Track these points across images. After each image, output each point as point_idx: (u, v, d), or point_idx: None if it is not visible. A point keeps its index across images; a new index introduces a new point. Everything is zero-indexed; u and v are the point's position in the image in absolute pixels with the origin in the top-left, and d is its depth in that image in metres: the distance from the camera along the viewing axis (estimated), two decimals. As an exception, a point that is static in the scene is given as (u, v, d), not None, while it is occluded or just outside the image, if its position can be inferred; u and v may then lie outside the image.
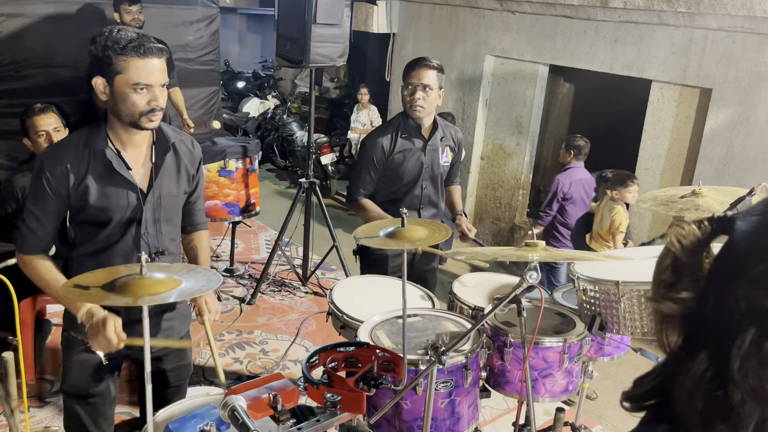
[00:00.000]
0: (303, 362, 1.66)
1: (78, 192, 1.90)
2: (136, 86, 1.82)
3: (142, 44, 1.80)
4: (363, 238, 1.85)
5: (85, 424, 2.06)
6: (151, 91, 1.84)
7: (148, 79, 1.83)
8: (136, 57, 1.80)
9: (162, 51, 1.86)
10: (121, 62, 1.80)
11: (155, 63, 1.84)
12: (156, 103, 1.86)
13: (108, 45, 1.80)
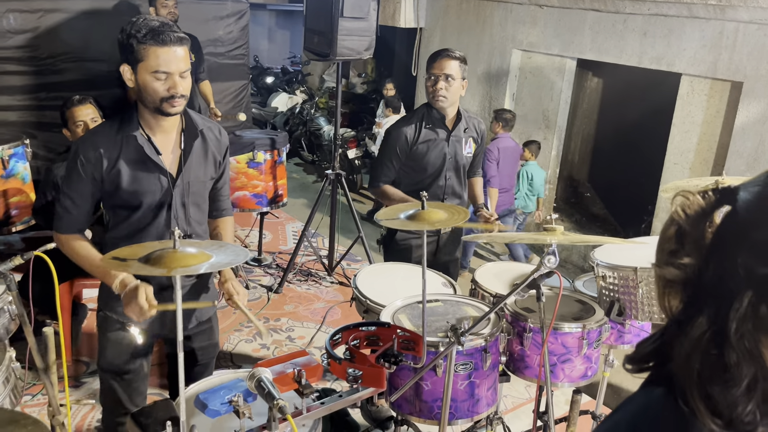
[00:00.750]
0: (326, 339, 1.72)
1: (111, 176, 1.98)
2: (155, 73, 1.88)
3: (162, 32, 1.85)
4: (385, 220, 1.90)
5: (121, 399, 2.16)
6: (170, 78, 1.89)
7: (167, 67, 1.88)
8: (156, 45, 1.85)
9: (182, 39, 1.90)
10: (142, 50, 1.85)
11: (175, 51, 1.88)
12: (175, 90, 1.91)
13: (131, 33, 1.86)
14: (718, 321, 0.70)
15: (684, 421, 0.73)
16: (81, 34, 4.66)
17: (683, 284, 0.75)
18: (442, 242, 3.09)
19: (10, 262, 1.80)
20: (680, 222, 0.76)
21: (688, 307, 0.75)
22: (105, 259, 1.59)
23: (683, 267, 0.74)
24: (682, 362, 0.73)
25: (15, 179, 3.56)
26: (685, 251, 0.75)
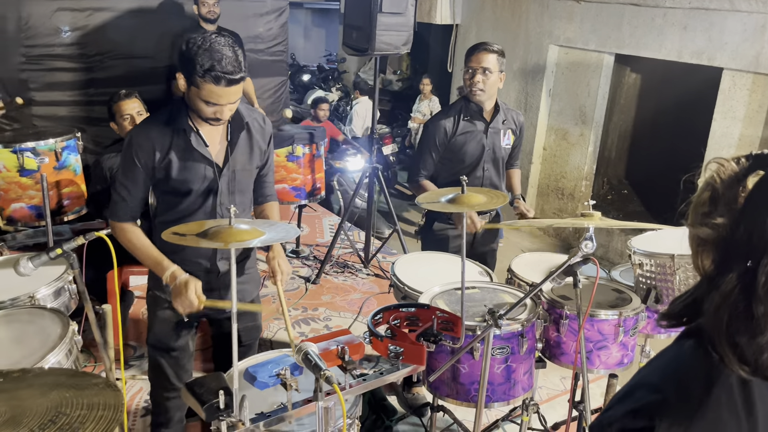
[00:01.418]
0: (368, 319, 1.79)
1: (162, 165, 2.08)
2: (207, 102, 1.97)
3: (222, 77, 1.91)
4: (426, 203, 1.96)
5: (168, 375, 2.27)
6: (219, 108, 1.99)
7: (218, 101, 1.96)
8: (212, 84, 1.92)
9: (239, 80, 1.96)
10: (200, 81, 1.93)
11: (229, 90, 1.95)
12: (221, 115, 2.01)
13: (195, 58, 1.91)
14: (746, 276, 0.75)
15: (713, 368, 0.78)
16: (127, 31, 4.82)
17: (715, 243, 0.80)
18: (479, 233, 3.12)
19: (73, 241, 1.91)
20: (715, 186, 0.81)
21: (719, 264, 0.80)
22: (166, 234, 1.68)
23: (716, 227, 0.79)
24: (712, 314, 0.78)
25: (67, 171, 3.72)
26: (718, 212, 0.80)
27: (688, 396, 0.79)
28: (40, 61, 4.56)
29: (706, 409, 0.77)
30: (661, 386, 0.83)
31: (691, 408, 0.78)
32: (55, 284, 2.25)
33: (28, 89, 4.58)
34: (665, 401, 0.80)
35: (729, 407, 0.77)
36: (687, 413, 0.77)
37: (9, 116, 4.51)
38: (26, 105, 4.47)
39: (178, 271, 2.03)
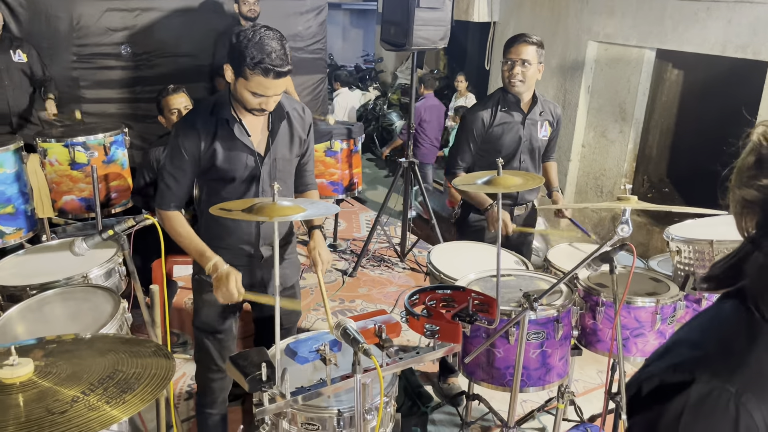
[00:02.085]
0: (405, 299, 1.83)
1: (207, 154, 2.16)
2: (253, 93, 2.04)
3: (270, 69, 1.97)
4: (462, 185, 1.99)
5: (212, 356, 2.35)
6: (264, 99, 2.06)
7: (265, 92, 2.03)
8: (261, 76, 1.99)
9: (286, 73, 2.02)
10: (248, 73, 1.99)
11: (277, 81, 2.02)
12: (265, 106, 2.08)
13: (245, 51, 1.97)
14: None
15: (755, 326, 0.79)
16: (173, 30, 4.98)
17: (761, 204, 0.81)
18: (515, 224, 3.13)
19: (123, 223, 2.01)
20: (761, 149, 0.82)
21: (763, 226, 0.81)
22: (214, 209, 1.76)
23: (762, 188, 0.80)
24: (756, 274, 0.80)
25: (115, 164, 3.87)
26: (764, 174, 0.81)
27: (730, 352, 0.80)
28: (90, 60, 4.75)
29: (747, 364, 0.78)
30: (702, 343, 0.84)
31: (733, 363, 0.79)
32: (106, 265, 2.36)
33: (79, 87, 4.77)
34: (706, 356, 0.81)
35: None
36: (728, 368, 0.78)
37: (59, 113, 4.70)
38: (73, 102, 4.65)
39: (220, 263, 2.11)
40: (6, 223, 3.43)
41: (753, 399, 0.75)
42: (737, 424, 0.75)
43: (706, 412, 0.76)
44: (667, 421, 0.78)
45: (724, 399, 0.75)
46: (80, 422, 1.00)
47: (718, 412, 0.76)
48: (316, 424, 1.79)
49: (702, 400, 0.77)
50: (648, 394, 0.82)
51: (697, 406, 0.77)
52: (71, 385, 1.09)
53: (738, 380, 0.76)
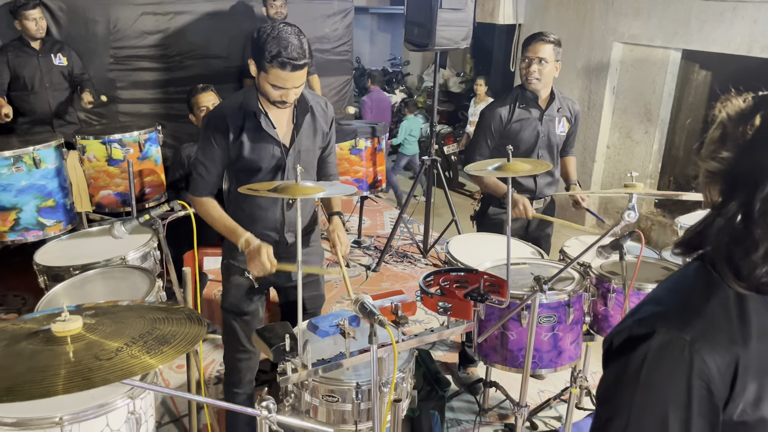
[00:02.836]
0: (420, 279, 1.94)
1: (235, 145, 2.30)
2: (274, 86, 2.17)
3: (287, 62, 2.10)
4: (474, 171, 2.09)
5: (239, 337, 2.48)
6: (285, 91, 2.18)
7: (284, 84, 2.16)
8: (279, 69, 2.12)
9: (303, 65, 2.14)
10: (268, 66, 2.13)
11: (294, 74, 2.14)
12: (286, 98, 2.20)
13: (264, 46, 2.11)
14: (746, 203, 0.85)
15: (712, 284, 0.89)
16: (204, 33, 5.16)
17: (722, 175, 0.90)
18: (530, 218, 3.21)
19: (159, 208, 2.15)
20: (725, 124, 0.91)
21: (724, 194, 0.90)
22: (243, 188, 1.89)
23: (722, 161, 0.89)
24: (714, 236, 0.89)
25: (149, 161, 4.05)
26: (725, 148, 0.90)
27: (688, 306, 0.90)
28: (126, 62, 4.95)
29: (702, 317, 0.87)
30: (665, 300, 0.94)
31: (689, 316, 0.88)
32: (142, 249, 2.52)
33: (115, 88, 4.98)
34: (667, 311, 0.91)
35: (724, 316, 0.87)
36: (684, 320, 0.88)
37: (97, 112, 4.91)
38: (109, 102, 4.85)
39: (252, 238, 2.24)
40: (47, 215, 3.61)
41: (706, 346, 0.85)
42: (691, 368, 0.84)
43: (665, 358, 0.86)
44: (633, 368, 0.88)
45: (680, 346, 0.85)
46: (124, 367, 1.13)
47: (675, 358, 0.85)
48: (336, 396, 1.90)
49: (662, 348, 0.86)
50: (618, 347, 0.92)
51: (657, 354, 0.87)
52: (115, 339, 1.23)
53: (692, 330, 0.86)
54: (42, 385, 1.07)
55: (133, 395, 1.58)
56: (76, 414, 1.50)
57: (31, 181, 3.47)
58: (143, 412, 1.64)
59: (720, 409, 0.86)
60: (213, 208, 2.36)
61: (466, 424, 3.08)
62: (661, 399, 0.85)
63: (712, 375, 0.84)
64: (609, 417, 0.92)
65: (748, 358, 0.85)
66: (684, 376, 0.84)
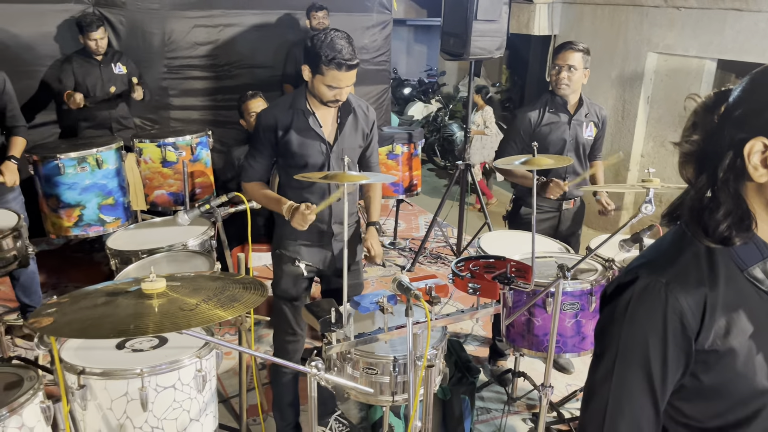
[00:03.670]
0: (452, 264, 2.13)
1: (283, 141, 2.54)
2: (329, 86, 2.40)
3: (343, 64, 2.34)
4: (501, 165, 2.28)
5: (288, 321, 2.70)
6: (338, 91, 2.42)
7: (338, 84, 2.40)
8: (335, 70, 2.36)
9: (356, 65, 2.39)
10: (324, 68, 2.37)
11: (348, 74, 2.39)
12: (339, 97, 2.45)
13: (319, 50, 2.35)
14: (712, 174, 1.05)
15: (685, 240, 1.08)
16: (251, 44, 5.46)
17: (693, 155, 1.09)
18: (563, 217, 3.37)
19: (218, 198, 2.40)
20: (696, 114, 1.10)
21: (696, 171, 1.09)
22: (298, 176, 2.14)
23: (693, 143, 1.09)
24: (688, 203, 1.08)
25: (199, 163, 4.33)
26: (696, 133, 1.09)
27: (664, 257, 1.09)
28: (178, 71, 5.28)
29: (676, 264, 1.07)
30: (647, 254, 1.14)
31: (665, 263, 1.08)
32: (200, 237, 2.77)
33: (168, 95, 5.30)
34: (648, 262, 1.11)
35: (695, 264, 1.06)
36: (661, 267, 1.07)
37: (150, 118, 5.25)
38: (162, 109, 5.18)
39: (294, 203, 2.48)
40: (107, 213, 3.91)
41: (678, 287, 1.04)
42: (666, 305, 1.04)
43: (645, 298, 1.06)
44: (621, 308, 1.08)
45: (658, 288, 1.05)
46: (202, 316, 1.35)
47: (653, 297, 1.05)
48: (375, 369, 2.10)
49: (642, 290, 1.06)
50: (610, 293, 1.13)
51: (639, 295, 1.06)
52: (193, 296, 1.45)
53: (668, 275, 1.05)
54: (138, 327, 1.30)
55: (200, 355, 1.82)
56: (154, 368, 1.74)
57: (94, 180, 3.76)
58: (208, 371, 1.88)
59: (692, 340, 1.05)
60: (260, 188, 2.62)
61: (495, 413, 3.24)
62: (643, 331, 1.05)
63: (684, 311, 1.03)
64: (602, 350, 1.11)
65: (716, 297, 1.04)
66: (661, 311, 1.03)
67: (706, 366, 1.07)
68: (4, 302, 4.20)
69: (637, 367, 1.07)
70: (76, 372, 1.72)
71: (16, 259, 3.08)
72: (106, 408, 1.75)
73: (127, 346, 1.93)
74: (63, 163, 3.61)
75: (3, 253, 3.03)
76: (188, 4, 5.15)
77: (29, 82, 4.59)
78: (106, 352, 1.89)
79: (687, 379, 1.08)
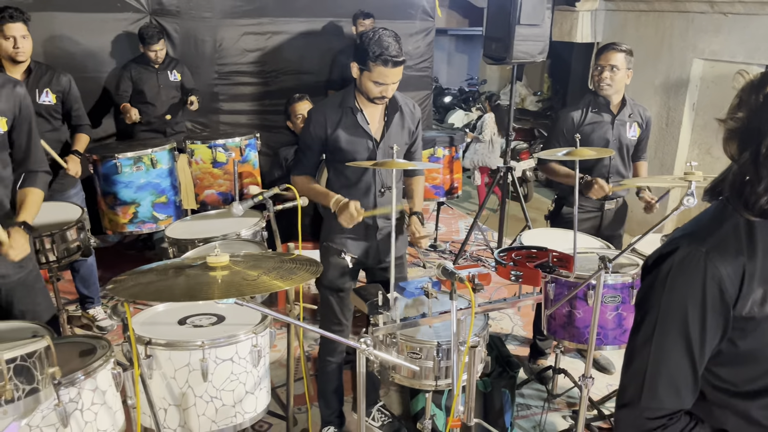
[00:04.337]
0: (495, 253, 2.20)
1: (332, 138, 2.64)
2: (375, 83, 2.50)
3: (389, 60, 2.44)
4: (544, 156, 2.34)
5: (335, 311, 2.81)
6: (384, 87, 2.52)
7: (384, 80, 2.49)
8: (382, 66, 2.46)
9: (401, 62, 2.49)
10: (371, 65, 2.47)
11: (394, 70, 2.48)
12: (385, 94, 2.54)
13: (368, 48, 2.46)
14: (755, 151, 1.10)
15: (726, 213, 1.14)
16: (297, 51, 5.64)
17: (737, 132, 1.15)
18: (606, 218, 3.40)
19: (270, 190, 2.53)
20: (742, 93, 1.16)
21: (740, 147, 1.15)
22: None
23: (738, 120, 1.14)
24: (730, 178, 1.14)
25: (248, 164, 4.49)
26: (740, 111, 1.15)
27: (705, 228, 1.15)
28: (228, 77, 5.48)
29: (716, 235, 1.12)
30: (689, 226, 1.19)
31: (705, 234, 1.14)
32: (253, 228, 2.91)
33: (218, 100, 5.51)
34: (689, 233, 1.16)
35: (734, 235, 1.12)
36: (701, 237, 1.13)
37: (201, 122, 5.46)
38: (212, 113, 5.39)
39: (341, 198, 2.58)
40: (160, 210, 4.09)
41: (718, 256, 1.10)
42: (706, 273, 1.09)
43: (685, 266, 1.11)
44: (662, 276, 1.14)
45: (697, 257, 1.10)
46: (264, 286, 1.46)
47: (692, 266, 1.11)
48: (419, 354, 2.18)
49: (683, 259, 1.12)
50: (651, 263, 1.18)
51: (679, 264, 1.12)
52: (254, 269, 1.56)
53: (707, 244, 1.11)
54: (205, 293, 1.42)
55: (256, 331, 1.94)
56: (214, 341, 1.87)
57: (148, 179, 3.95)
58: (263, 347, 1.99)
59: (731, 306, 1.10)
60: (309, 181, 2.74)
61: (536, 409, 3.27)
62: (683, 298, 1.11)
63: (723, 278, 1.09)
64: (643, 316, 1.17)
65: (754, 267, 1.09)
66: (700, 279, 1.09)
67: (743, 332, 1.12)
68: (64, 294, 4.42)
69: (676, 332, 1.13)
70: (143, 343, 1.85)
71: (79, 249, 3.27)
72: (170, 377, 1.88)
73: (188, 322, 2.06)
74: (120, 162, 3.81)
75: (67, 243, 3.22)
76: (239, 12, 5.35)
77: (92, 88, 4.84)
78: (169, 327, 2.03)
79: (724, 345, 1.14)
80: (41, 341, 1.45)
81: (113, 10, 4.90)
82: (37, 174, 2.38)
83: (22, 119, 2.28)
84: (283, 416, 2.91)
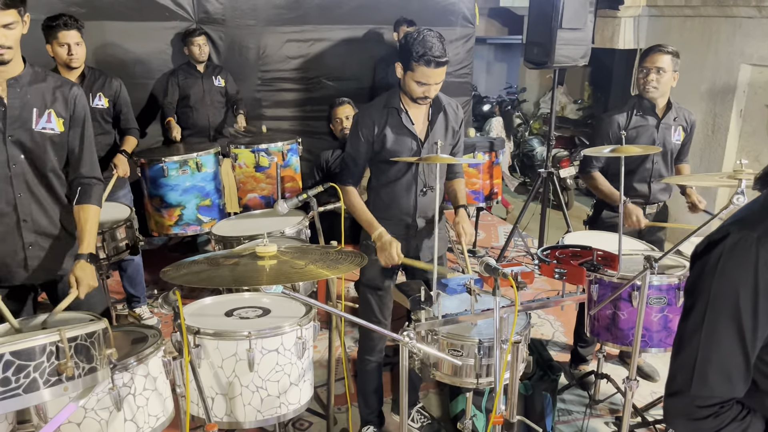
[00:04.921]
0: (538, 251, 2.19)
1: (379, 138, 2.68)
2: (418, 83, 2.53)
3: (432, 60, 2.46)
4: (589, 152, 2.33)
5: (374, 309, 2.83)
6: (427, 87, 2.54)
7: (426, 81, 2.51)
8: (424, 66, 2.48)
9: (444, 63, 2.50)
10: (414, 65, 2.49)
11: (436, 71, 2.50)
12: (428, 94, 2.56)
13: (411, 48, 2.48)
14: None
15: None
16: (339, 58, 5.72)
17: None
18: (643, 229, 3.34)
19: (315, 188, 2.57)
20: None
21: None
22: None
23: None
24: None
25: (289, 169, 4.57)
26: None
27: (757, 214, 1.14)
28: (271, 83, 5.59)
29: (767, 222, 1.11)
30: (740, 213, 1.18)
31: (756, 220, 1.12)
32: (296, 227, 2.97)
33: (261, 106, 5.63)
34: (740, 219, 1.15)
35: None
36: (753, 223, 1.12)
37: (244, 128, 5.58)
38: (255, 119, 5.49)
39: (384, 233, 2.61)
40: (204, 213, 4.20)
41: None
42: (758, 259, 1.08)
43: (736, 253, 1.10)
44: (712, 262, 1.13)
45: (749, 242, 1.09)
46: (311, 274, 1.50)
47: (744, 251, 1.09)
48: (460, 351, 2.18)
49: (734, 245, 1.11)
50: (701, 251, 1.17)
51: (730, 249, 1.11)
52: (301, 259, 1.60)
53: (759, 230, 1.10)
54: (255, 280, 1.46)
55: (301, 324, 1.98)
56: (260, 331, 1.91)
57: (193, 182, 4.06)
58: (307, 340, 2.03)
59: None
60: (355, 198, 2.74)
61: (577, 415, 3.23)
62: (734, 284, 1.09)
63: None
64: (692, 303, 1.16)
65: None
66: (752, 264, 1.08)
67: None
68: (112, 294, 4.55)
69: (727, 319, 1.12)
70: (192, 332, 1.91)
71: (128, 247, 3.38)
72: (218, 366, 1.93)
73: (234, 314, 2.12)
74: (167, 165, 3.92)
75: (117, 241, 3.33)
76: (282, 20, 5.47)
77: (140, 94, 5.00)
78: (217, 318, 2.08)
79: None
80: (100, 323, 1.51)
81: (161, 19, 5.06)
82: (92, 187, 2.35)
83: (75, 120, 2.29)
84: (324, 415, 2.94)
